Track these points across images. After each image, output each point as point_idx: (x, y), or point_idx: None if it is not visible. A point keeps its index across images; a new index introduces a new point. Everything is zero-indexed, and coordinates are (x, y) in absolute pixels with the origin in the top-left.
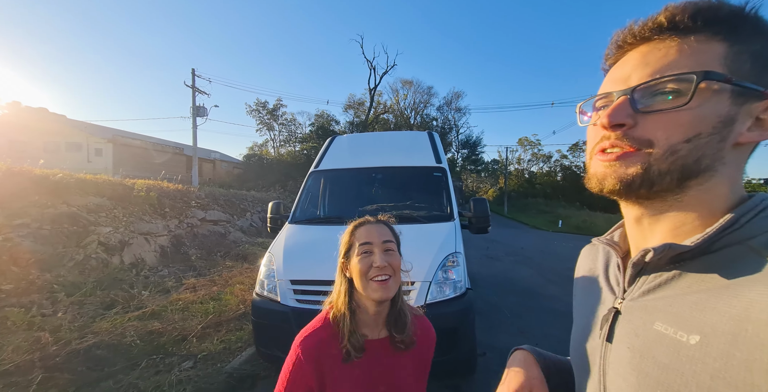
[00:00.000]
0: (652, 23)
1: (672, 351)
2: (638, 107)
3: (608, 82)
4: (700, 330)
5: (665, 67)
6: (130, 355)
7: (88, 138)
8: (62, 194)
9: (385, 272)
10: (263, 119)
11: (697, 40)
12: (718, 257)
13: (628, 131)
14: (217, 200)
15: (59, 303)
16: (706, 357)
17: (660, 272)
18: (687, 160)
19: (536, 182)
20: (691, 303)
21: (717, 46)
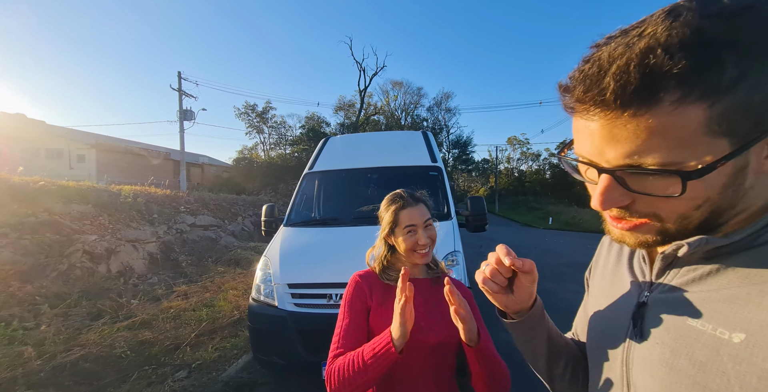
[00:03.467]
0: (600, 100)
1: (711, 348)
2: (630, 187)
3: (581, 139)
4: (745, 328)
5: (639, 149)
6: (120, 367)
7: (69, 144)
8: (43, 202)
9: (428, 245)
10: (252, 122)
11: (665, 112)
12: (761, 251)
13: (628, 206)
14: (207, 205)
15: (42, 316)
16: (752, 356)
17: (694, 266)
18: (704, 215)
19: (526, 181)
20: (732, 299)
21: (694, 113)
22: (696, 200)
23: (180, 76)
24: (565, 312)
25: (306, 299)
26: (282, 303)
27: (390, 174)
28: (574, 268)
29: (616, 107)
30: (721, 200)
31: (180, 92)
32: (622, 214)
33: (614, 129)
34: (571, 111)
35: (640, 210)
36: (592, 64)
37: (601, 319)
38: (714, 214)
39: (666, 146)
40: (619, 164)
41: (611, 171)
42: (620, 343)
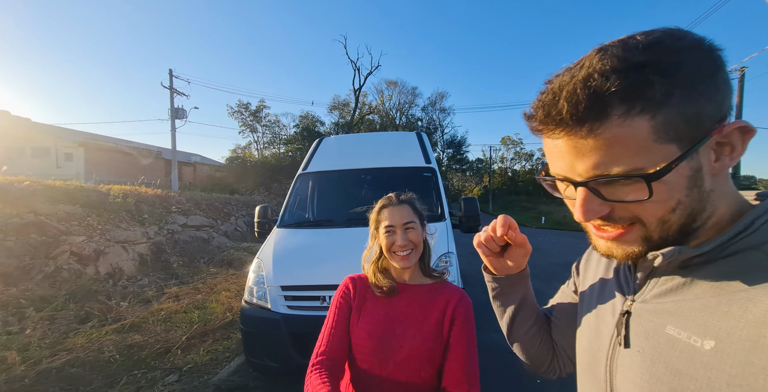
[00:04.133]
0: (559, 120)
1: (685, 356)
2: (605, 196)
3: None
4: (715, 336)
5: (603, 160)
6: (108, 372)
7: (56, 142)
8: (29, 202)
9: (406, 248)
10: (246, 121)
11: (616, 125)
12: (732, 261)
13: (610, 215)
14: (199, 205)
15: (27, 319)
16: (721, 363)
17: (672, 276)
18: (681, 220)
19: (519, 180)
20: (705, 307)
21: (640, 124)
22: (667, 202)
23: (171, 73)
24: None
25: (299, 301)
26: (275, 306)
27: (384, 175)
28: (564, 267)
29: (573, 123)
30: (691, 202)
31: (171, 90)
32: (606, 224)
33: (577, 145)
34: (538, 133)
35: (622, 216)
36: (547, 94)
37: (589, 328)
38: (690, 217)
39: (625, 154)
40: (589, 176)
41: (584, 183)
42: (605, 350)
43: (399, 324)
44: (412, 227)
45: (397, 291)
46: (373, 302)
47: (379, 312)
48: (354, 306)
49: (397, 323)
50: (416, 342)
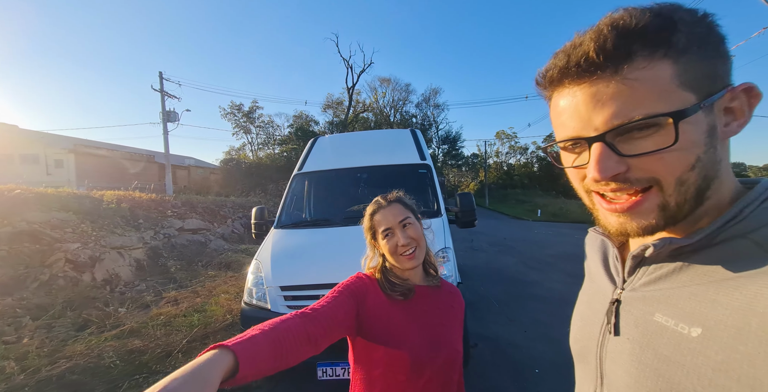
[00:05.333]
0: (584, 61)
1: (673, 343)
2: (622, 152)
3: (565, 119)
4: (701, 323)
5: (625, 106)
6: (109, 377)
7: (45, 149)
8: (20, 210)
9: (410, 246)
10: (239, 122)
11: (640, 67)
12: (720, 250)
13: (625, 175)
14: (194, 208)
15: (24, 328)
16: (707, 349)
17: (660, 264)
18: (698, 182)
19: (514, 174)
20: (692, 295)
21: (663, 68)
22: (689, 154)
23: (161, 76)
24: (551, 300)
25: (299, 301)
26: (275, 306)
27: (380, 173)
28: (560, 258)
29: (600, 63)
30: (708, 162)
31: (162, 93)
32: (621, 187)
33: (598, 93)
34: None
35: (639, 177)
36: (566, 47)
37: (581, 318)
38: (706, 181)
39: (648, 98)
40: (609, 127)
41: (602, 136)
42: (596, 339)
43: (431, 331)
44: (410, 222)
45: (413, 293)
46: (397, 309)
47: (407, 320)
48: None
49: (429, 330)
50: (450, 348)
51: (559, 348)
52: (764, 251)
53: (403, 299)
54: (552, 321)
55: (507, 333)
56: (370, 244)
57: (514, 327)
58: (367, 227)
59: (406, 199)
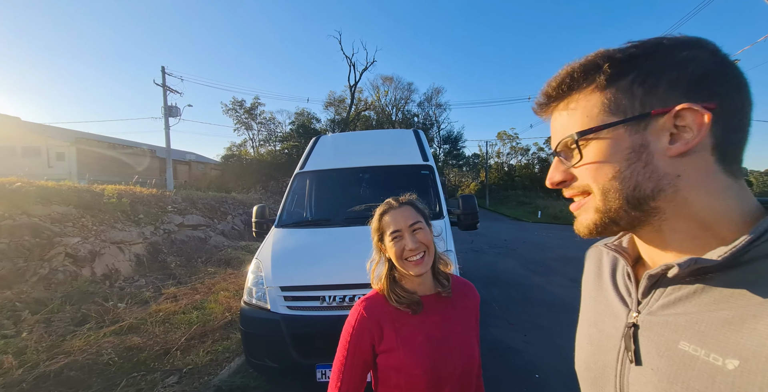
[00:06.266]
0: (544, 96)
1: (706, 376)
2: (567, 163)
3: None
4: (738, 354)
5: (562, 130)
6: (107, 374)
7: (47, 141)
8: (21, 203)
9: (418, 250)
10: (241, 119)
11: (576, 98)
12: (748, 270)
13: (571, 184)
14: (195, 204)
15: (23, 322)
16: (749, 384)
17: (679, 286)
18: (625, 191)
19: (515, 175)
20: (724, 322)
21: (593, 97)
22: (605, 167)
23: (164, 71)
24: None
25: (299, 301)
26: (275, 306)
27: (382, 173)
28: (561, 262)
29: (554, 96)
30: (636, 176)
31: (164, 88)
32: (573, 193)
33: (555, 119)
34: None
35: (577, 185)
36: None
37: (590, 339)
38: (639, 191)
39: (577, 122)
40: (555, 145)
41: (555, 151)
42: (613, 367)
43: (444, 346)
44: (420, 227)
45: (422, 306)
46: (407, 328)
47: (419, 339)
48: (384, 337)
49: (442, 345)
50: (466, 357)
51: (560, 354)
52: None
53: (412, 313)
54: (552, 326)
55: (507, 338)
56: (377, 247)
57: (514, 332)
58: (375, 228)
59: (418, 203)
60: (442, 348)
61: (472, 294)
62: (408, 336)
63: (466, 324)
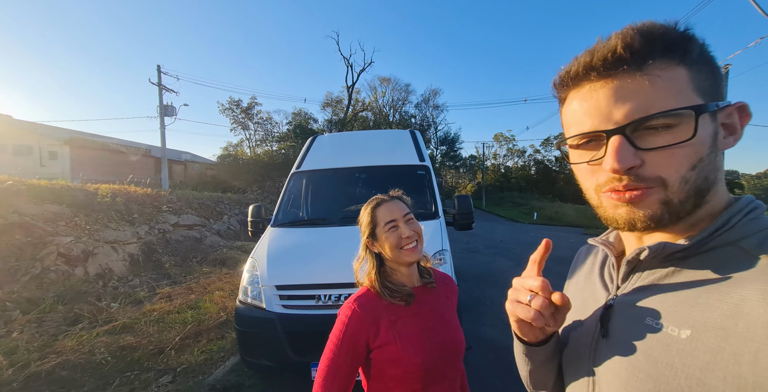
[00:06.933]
0: (611, 56)
1: (663, 345)
2: (639, 145)
3: (581, 116)
4: (691, 325)
5: (646, 101)
6: (100, 374)
7: (39, 140)
8: (12, 202)
9: (413, 239)
10: (237, 118)
11: (662, 68)
12: (710, 256)
13: (638, 171)
14: (190, 204)
15: (14, 322)
16: (696, 350)
17: (654, 270)
18: (698, 183)
19: (511, 176)
20: (683, 299)
21: (680, 73)
22: (696, 152)
23: (159, 70)
24: None
25: (294, 300)
26: (270, 305)
27: (378, 173)
28: (555, 262)
29: (626, 59)
30: (709, 165)
31: (160, 87)
32: (632, 184)
33: (621, 88)
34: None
35: (647, 175)
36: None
37: (572, 323)
38: (705, 183)
39: (666, 96)
40: (629, 121)
41: (622, 128)
42: (589, 343)
43: (439, 334)
44: (412, 218)
45: (414, 298)
46: (402, 321)
47: (415, 331)
48: (380, 333)
49: (437, 334)
50: (457, 342)
51: None
52: (751, 257)
53: (405, 305)
54: None
55: (502, 336)
56: (365, 244)
57: (508, 330)
58: (367, 223)
59: (405, 198)
60: (437, 337)
61: (452, 285)
62: (404, 328)
63: (452, 312)
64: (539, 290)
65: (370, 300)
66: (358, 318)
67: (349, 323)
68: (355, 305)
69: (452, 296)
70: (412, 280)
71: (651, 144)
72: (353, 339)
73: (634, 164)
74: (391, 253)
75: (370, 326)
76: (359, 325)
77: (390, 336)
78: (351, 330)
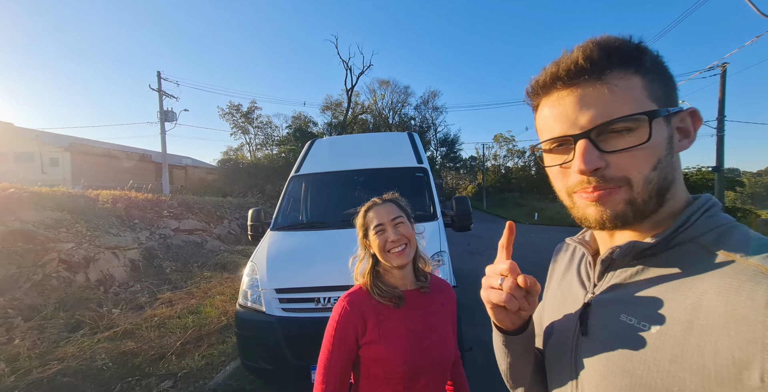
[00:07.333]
0: (574, 67)
1: (636, 340)
2: (603, 148)
3: (552, 122)
4: (659, 320)
5: (607, 108)
6: (101, 380)
7: (41, 147)
8: (14, 209)
9: (400, 242)
10: (237, 123)
11: (619, 77)
12: (674, 253)
13: (604, 172)
14: (191, 209)
15: (15, 329)
16: (664, 344)
17: (625, 269)
18: (659, 182)
19: (512, 177)
20: (652, 295)
21: (635, 81)
22: (654, 154)
23: (159, 76)
24: None
25: (294, 303)
26: (270, 309)
27: (376, 176)
28: None
29: (586, 69)
30: (667, 166)
31: (160, 92)
32: (599, 185)
33: (584, 96)
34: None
35: (612, 176)
36: (555, 60)
37: (554, 321)
38: (666, 183)
39: (624, 102)
40: (592, 126)
41: (587, 133)
42: (570, 343)
43: (425, 339)
44: (401, 221)
45: (404, 300)
46: (389, 322)
47: (401, 332)
48: (367, 330)
49: (423, 338)
50: (444, 349)
51: None
52: (709, 253)
53: (394, 307)
54: None
55: None
56: (362, 243)
57: None
58: (360, 225)
59: (400, 201)
60: (422, 341)
61: (449, 293)
62: (390, 329)
63: (443, 319)
64: (508, 273)
65: (361, 298)
66: (347, 313)
67: (340, 319)
68: (345, 302)
69: (447, 302)
70: (405, 282)
71: (614, 147)
72: (344, 332)
73: (599, 165)
74: (380, 255)
75: (358, 322)
76: (348, 320)
77: (375, 334)
78: (341, 325)
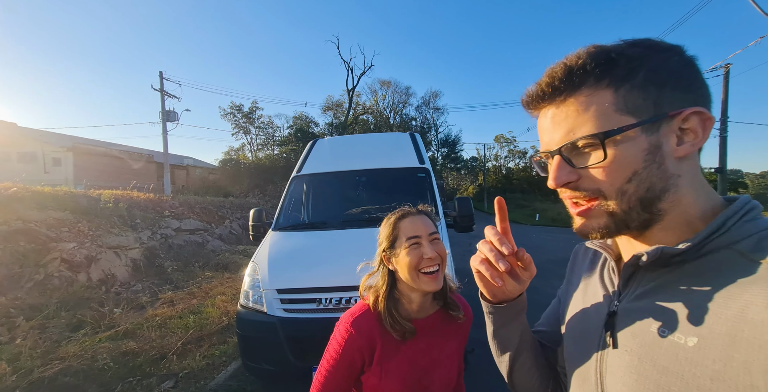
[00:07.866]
0: (546, 86)
1: (671, 353)
2: (576, 164)
3: (541, 136)
4: (697, 332)
5: (571, 127)
6: (102, 380)
7: (43, 147)
8: (16, 209)
9: (435, 262)
10: (239, 123)
11: (585, 95)
12: (708, 260)
13: (577, 184)
14: (192, 209)
15: (17, 329)
16: (704, 359)
17: (654, 275)
18: (639, 193)
19: (513, 178)
20: (686, 306)
21: (605, 94)
22: (624, 169)
23: (161, 76)
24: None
25: (295, 304)
26: (271, 309)
27: (378, 176)
28: (558, 264)
29: (551, 93)
30: (651, 177)
31: (162, 93)
32: (575, 195)
33: (555, 115)
34: (530, 111)
35: (587, 187)
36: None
37: (576, 329)
38: (651, 192)
39: (590, 121)
40: (560, 145)
41: (557, 150)
42: (594, 352)
43: (426, 376)
44: (438, 238)
45: (414, 334)
46: (393, 355)
47: (403, 368)
48: (374, 360)
49: (425, 374)
50: (445, 380)
51: None
52: (750, 261)
53: (401, 339)
54: None
55: None
56: (380, 256)
57: None
58: (386, 234)
59: (432, 215)
60: (423, 379)
61: (467, 313)
62: (392, 362)
63: (451, 349)
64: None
65: (369, 322)
66: (354, 339)
67: (346, 345)
68: (352, 328)
69: (464, 324)
70: (423, 307)
71: (582, 164)
72: (350, 359)
73: (568, 180)
74: (407, 274)
75: (365, 349)
76: (354, 346)
77: (378, 368)
78: (347, 351)
